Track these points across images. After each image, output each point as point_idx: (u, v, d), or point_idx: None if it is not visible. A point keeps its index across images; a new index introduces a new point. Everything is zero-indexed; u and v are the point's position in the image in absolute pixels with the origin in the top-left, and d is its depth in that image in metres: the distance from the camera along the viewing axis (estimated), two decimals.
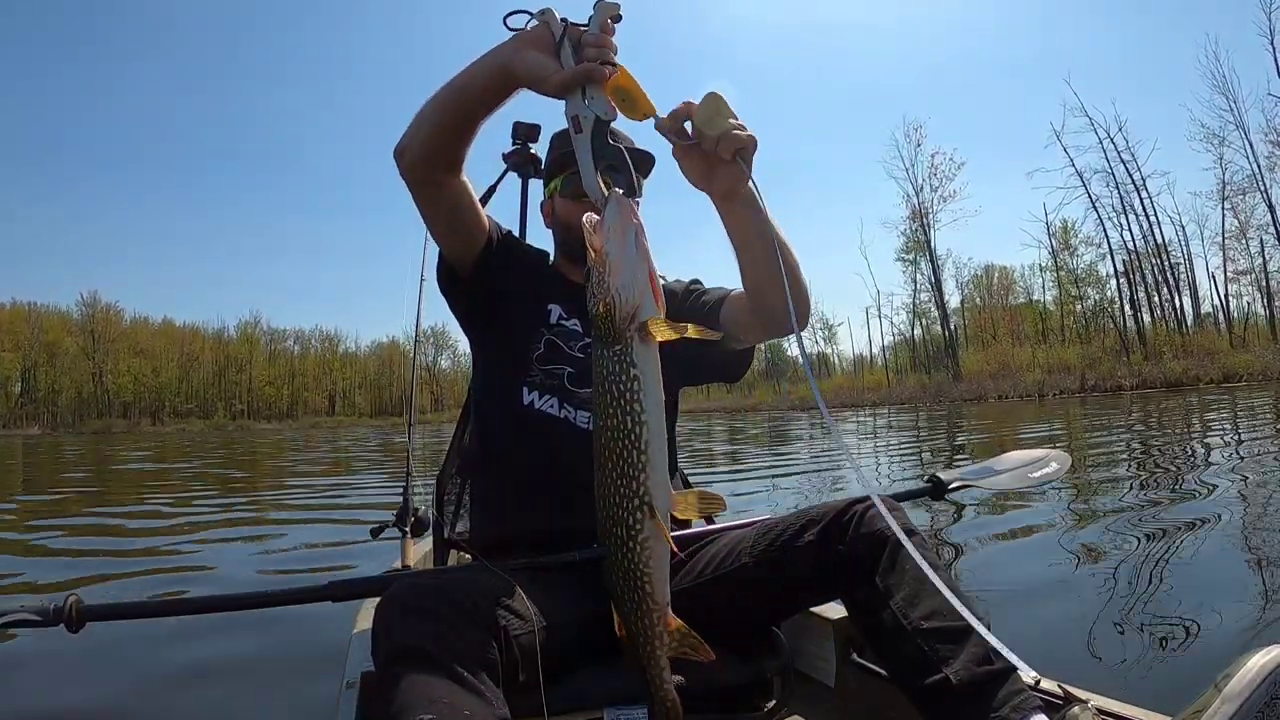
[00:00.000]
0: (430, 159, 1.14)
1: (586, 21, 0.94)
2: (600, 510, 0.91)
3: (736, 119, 0.99)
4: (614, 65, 0.93)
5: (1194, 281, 33.96)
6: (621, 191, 0.91)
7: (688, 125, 0.99)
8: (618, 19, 0.94)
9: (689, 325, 0.89)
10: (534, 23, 0.97)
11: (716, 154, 0.99)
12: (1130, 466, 6.44)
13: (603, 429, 0.90)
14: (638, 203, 1.23)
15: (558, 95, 0.95)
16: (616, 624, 0.96)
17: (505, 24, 0.99)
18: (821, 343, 54.72)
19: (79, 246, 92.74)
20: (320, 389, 71.77)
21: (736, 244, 1.16)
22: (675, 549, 0.93)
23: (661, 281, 1.54)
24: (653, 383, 0.88)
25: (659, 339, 0.88)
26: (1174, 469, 5.98)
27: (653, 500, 0.88)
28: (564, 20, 0.94)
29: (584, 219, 0.89)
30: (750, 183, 1.04)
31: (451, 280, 1.35)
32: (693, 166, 1.04)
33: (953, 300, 41.49)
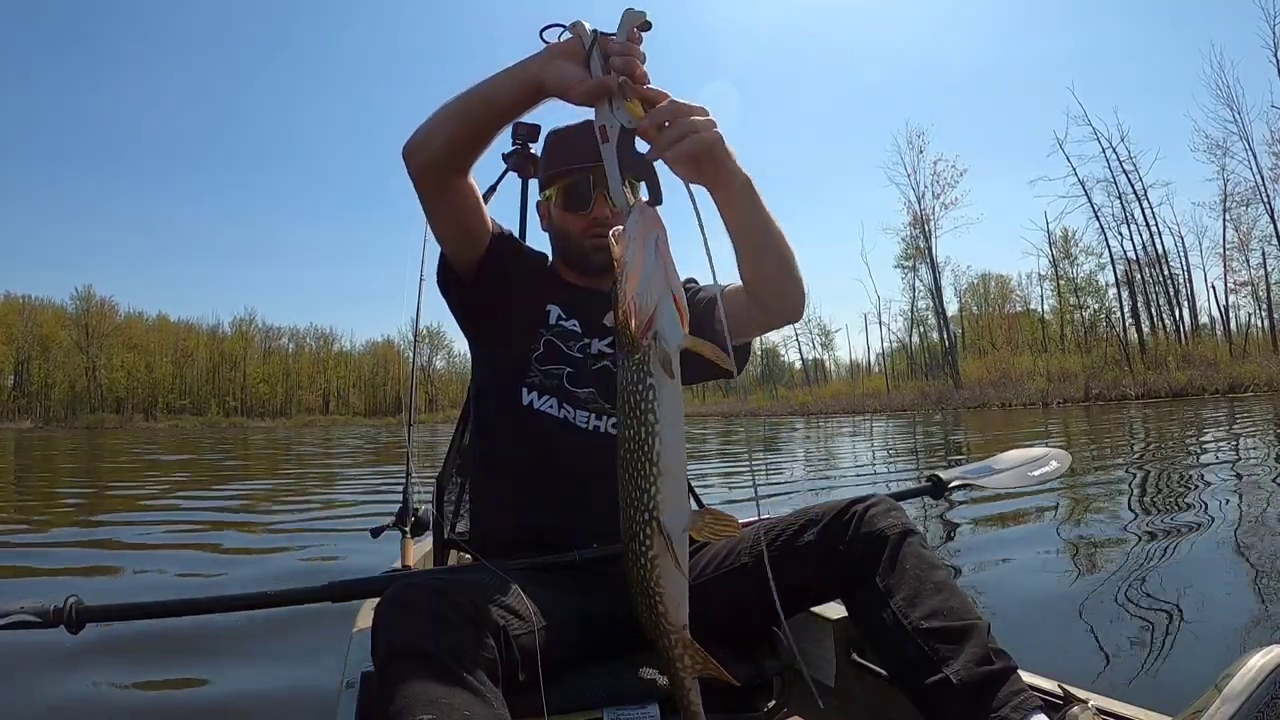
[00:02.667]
0: (446, 163, 1.14)
1: (616, 31, 0.95)
2: (621, 523, 0.91)
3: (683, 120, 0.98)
4: (643, 74, 0.94)
5: (1192, 293, 34.12)
6: (646, 200, 0.91)
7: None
8: (645, 27, 0.95)
9: (707, 344, 0.89)
10: (566, 34, 0.98)
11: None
12: (1131, 469, 6.45)
13: (621, 440, 0.89)
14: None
15: (583, 104, 0.96)
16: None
17: (541, 37, 1.00)
18: (819, 349, 54.69)
19: (74, 241, 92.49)
20: (314, 387, 71.54)
21: (731, 231, 1.17)
22: (684, 573, 0.90)
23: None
24: (669, 394, 0.87)
25: (678, 351, 0.87)
26: (1175, 471, 6.00)
27: (660, 515, 0.87)
28: (594, 31, 0.95)
29: (610, 233, 0.90)
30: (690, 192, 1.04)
31: (452, 280, 1.35)
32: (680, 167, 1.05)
33: (950, 308, 41.48)
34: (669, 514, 0.87)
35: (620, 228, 0.89)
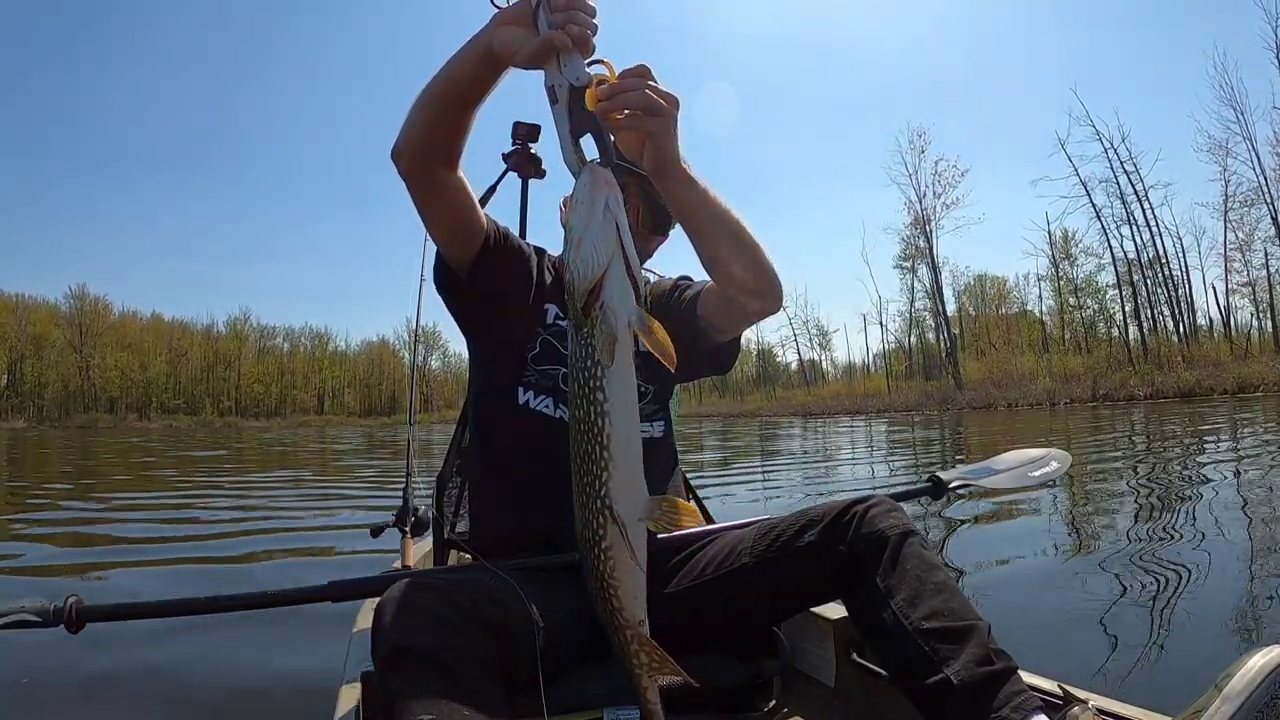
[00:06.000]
0: (427, 153, 1.13)
1: None
2: (575, 512, 0.87)
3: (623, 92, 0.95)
4: (588, 27, 0.89)
5: (1191, 294, 34.26)
6: (599, 161, 0.86)
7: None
8: None
9: (657, 326, 0.83)
10: None
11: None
12: (1133, 467, 6.46)
13: (571, 421, 0.84)
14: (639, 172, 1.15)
15: (529, 66, 0.92)
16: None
17: (493, 3, 0.97)
18: (817, 349, 54.51)
19: (68, 241, 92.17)
20: (309, 387, 71.32)
21: (680, 219, 1.19)
22: (641, 565, 0.85)
23: (655, 278, 1.55)
24: (619, 370, 0.81)
25: (628, 324, 0.81)
26: (1176, 469, 6.01)
27: (614, 503, 0.81)
28: None
29: (562, 199, 0.87)
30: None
31: (449, 279, 1.34)
32: (623, 140, 1.05)
33: (947, 308, 41.44)
34: (622, 502, 0.82)
35: (566, 197, 0.87)
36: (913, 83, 72.48)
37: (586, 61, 0.90)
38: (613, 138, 0.94)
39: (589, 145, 0.91)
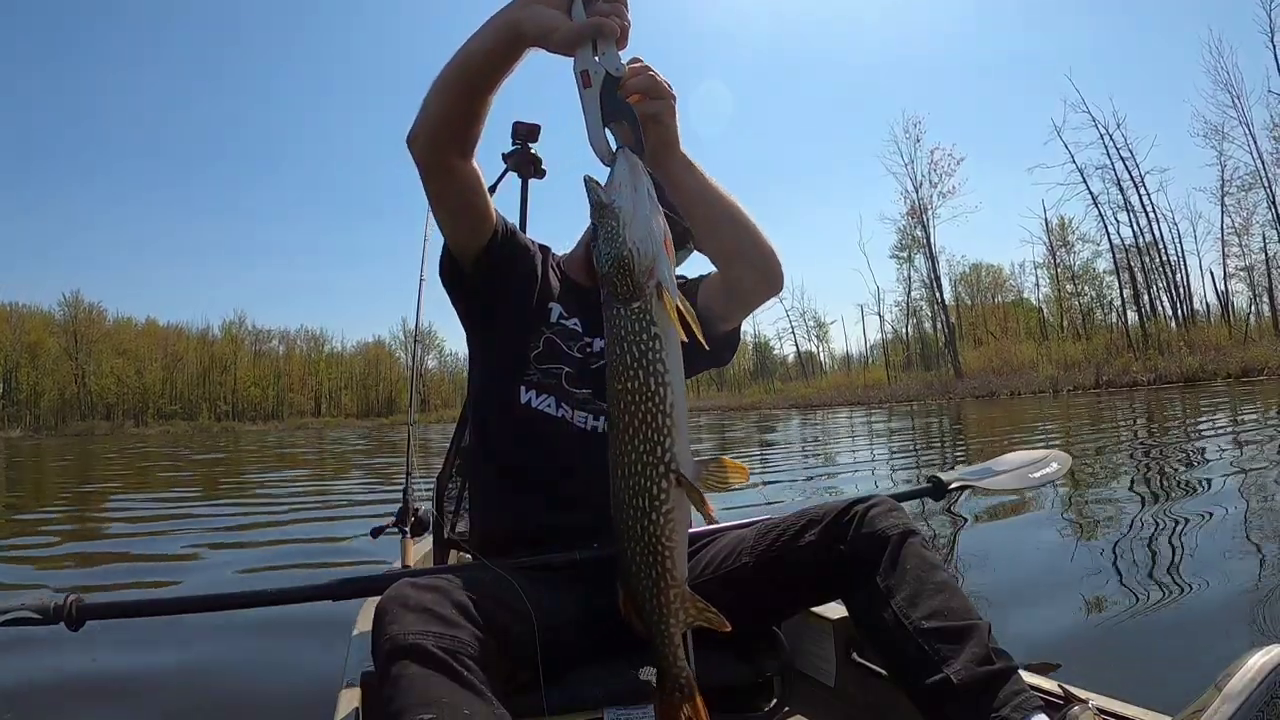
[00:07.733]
0: (442, 138, 1.13)
1: None
2: (617, 480, 0.88)
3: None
4: (628, 22, 0.92)
5: (1187, 279, 34.31)
6: (629, 148, 0.90)
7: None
8: None
9: (687, 305, 0.88)
10: None
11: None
12: (1133, 462, 6.44)
13: (622, 392, 0.86)
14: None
15: (566, 48, 0.94)
16: (621, 600, 0.94)
17: None
18: (815, 341, 54.35)
19: (62, 247, 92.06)
20: (306, 389, 71.21)
21: (681, 203, 1.21)
22: (713, 515, 0.91)
23: None
24: (673, 342, 0.86)
25: (669, 305, 0.85)
26: (1176, 466, 6.00)
27: (679, 466, 0.85)
28: None
29: (584, 178, 0.88)
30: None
31: (455, 273, 1.33)
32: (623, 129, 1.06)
33: (946, 297, 41.39)
34: (686, 464, 0.86)
35: (588, 176, 0.88)
36: (907, 71, 72.48)
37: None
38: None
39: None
